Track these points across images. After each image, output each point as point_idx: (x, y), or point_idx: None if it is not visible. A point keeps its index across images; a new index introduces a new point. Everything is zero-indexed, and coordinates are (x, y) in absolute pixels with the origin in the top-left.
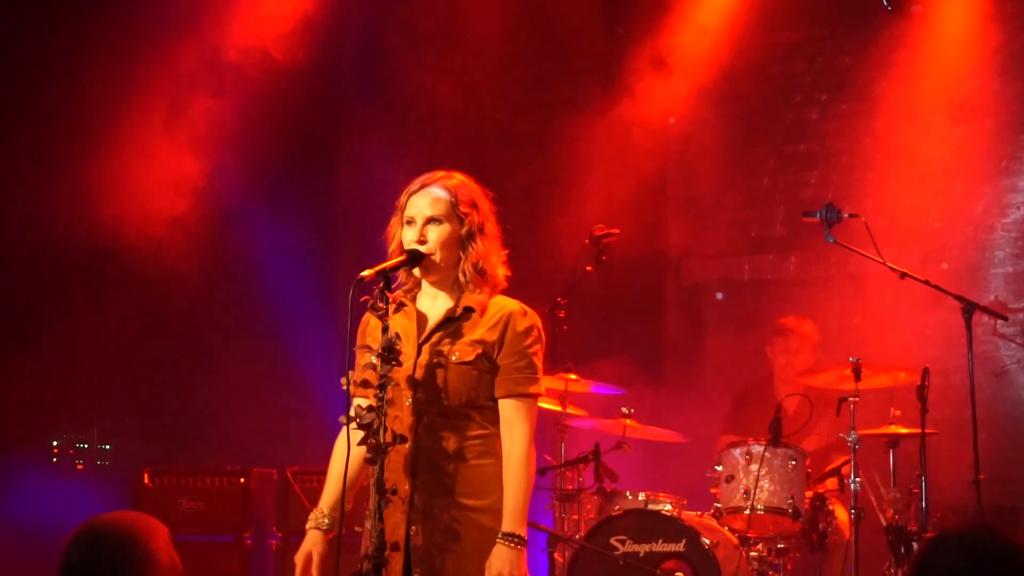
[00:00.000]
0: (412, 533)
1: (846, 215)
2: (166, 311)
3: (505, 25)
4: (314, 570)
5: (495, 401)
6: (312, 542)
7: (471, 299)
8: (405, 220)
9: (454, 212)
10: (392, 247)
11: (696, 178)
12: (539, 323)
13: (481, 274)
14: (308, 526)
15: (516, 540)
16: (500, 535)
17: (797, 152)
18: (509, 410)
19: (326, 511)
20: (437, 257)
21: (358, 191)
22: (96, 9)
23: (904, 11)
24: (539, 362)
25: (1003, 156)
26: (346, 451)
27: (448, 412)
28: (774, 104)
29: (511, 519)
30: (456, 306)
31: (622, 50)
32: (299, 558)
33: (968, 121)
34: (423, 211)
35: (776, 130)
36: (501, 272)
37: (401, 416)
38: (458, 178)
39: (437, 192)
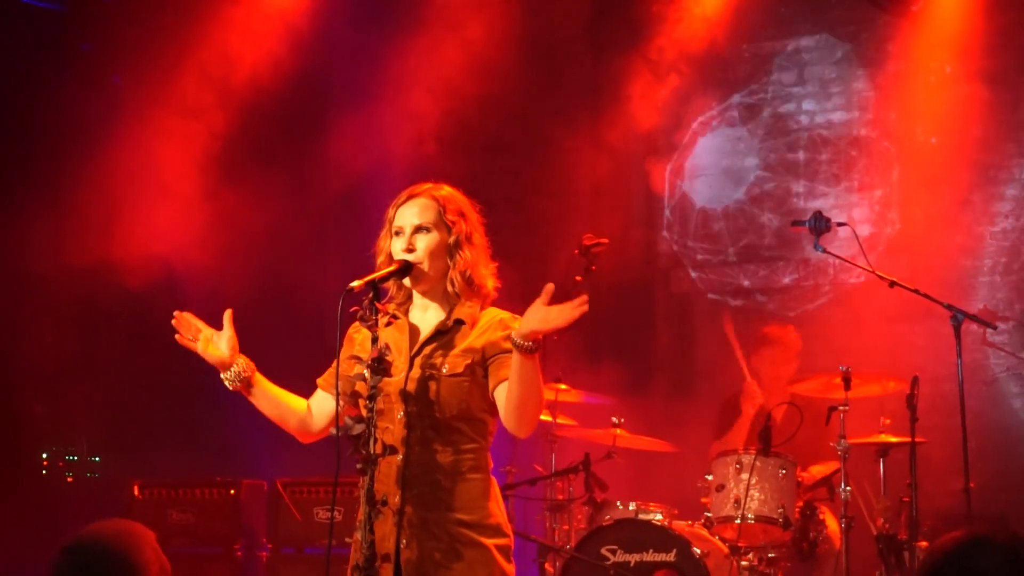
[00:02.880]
0: (403, 545)
1: (834, 224)
2: (154, 323)
3: (493, 34)
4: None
5: (486, 413)
6: (226, 349)
7: (462, 311)
8: (393, 231)
9: (441, 221)
10: (381, 259)
11: (684, 187)
12: None
13: (469, 283)
14: (239, 359)
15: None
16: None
17: (785, 161)
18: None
19: (251, 377)
20: (425, 266)
21: (348, 204)
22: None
23: (904, 11)
24: None
25: (991, 165)
26: (297, 404)
27: (440, 425)
28: (762, 114)
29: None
30: (447, 318)
31: (610, 60)
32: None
33: (956, 130)
34: (411, 220)
35: (765, 139)
36: (490, 283)
37: (392, 428)
38: (446, 189)
39: (424, 202)
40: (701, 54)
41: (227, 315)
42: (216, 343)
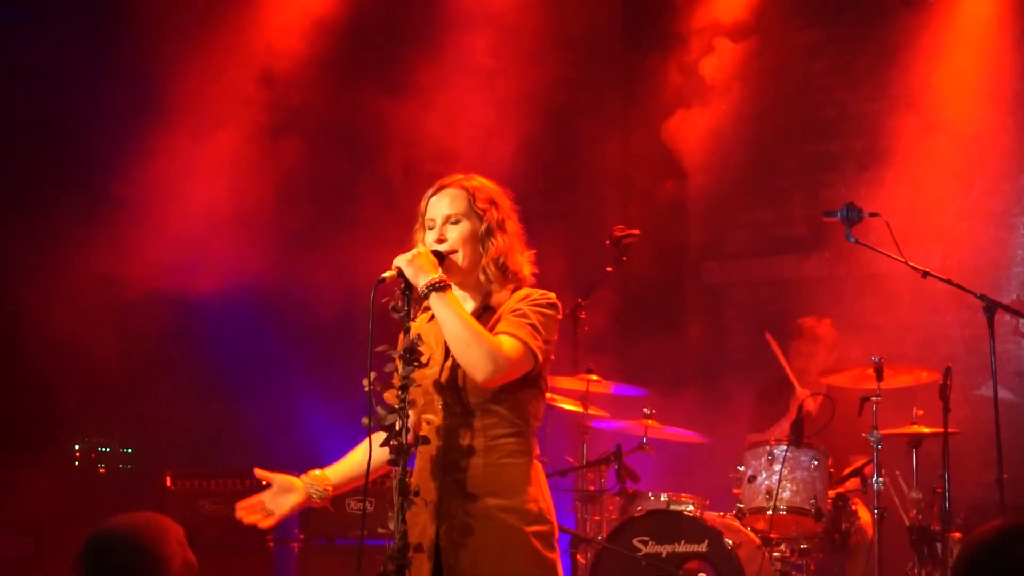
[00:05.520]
0: (440, 532)
1: (866, 214)
2: (186, 318)
3: (523, 28)
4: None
5: (526, 395)
6: (295, 494)
7: (495, 299)
8: (426, 224)
9: (472, 210)
10: None
11: (715, 179)
12: (558, 304)
13: (503, 271)
14: (305, 480)
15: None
16: None
17: (816, 152)
18: None
19: (329, 484)
20: (458, 257)
21: (377, 195)
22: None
23: (920, 3)
24: (540, 326)
25: (1023, 154)
26: (368, 448)
27: (477, 411)
28: (793, 104)
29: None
30: (479, 307)
31: (640, 52)
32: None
33: (987, 119)
34: (442, 211)
35: (795, 130)
36: (527, 269)
37: (433, 418)
38: (476, 179)
39: (454, 192)
40: (732, 45)
41: (257, 472)
42: (277, 498)
